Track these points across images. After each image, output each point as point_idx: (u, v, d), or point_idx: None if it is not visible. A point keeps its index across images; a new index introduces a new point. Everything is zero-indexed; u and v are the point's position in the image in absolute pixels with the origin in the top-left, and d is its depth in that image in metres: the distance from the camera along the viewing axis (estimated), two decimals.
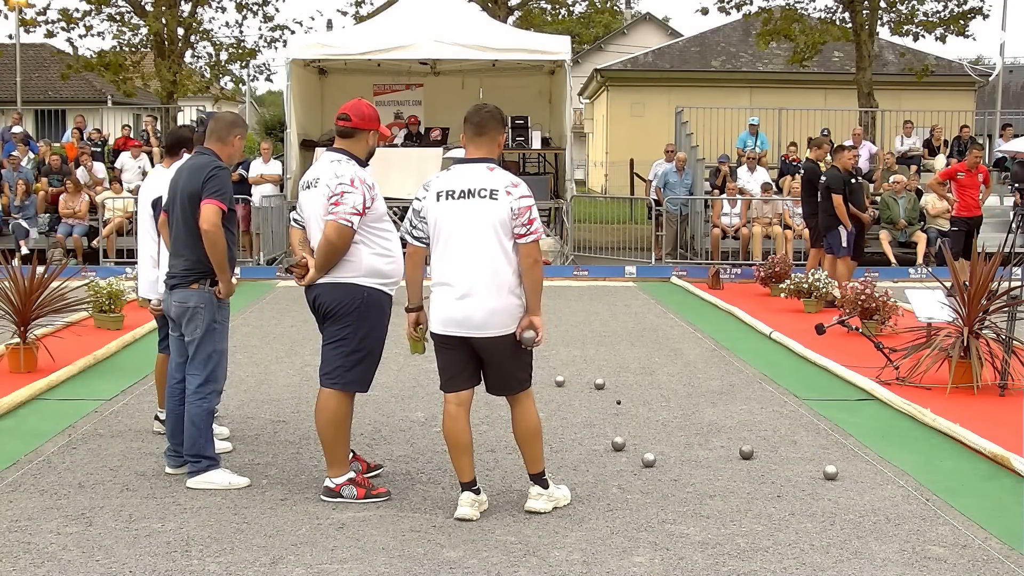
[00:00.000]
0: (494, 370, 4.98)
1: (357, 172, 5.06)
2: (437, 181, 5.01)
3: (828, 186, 11.89)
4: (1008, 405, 7.13)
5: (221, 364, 5.59)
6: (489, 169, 4.93)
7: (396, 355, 9.06)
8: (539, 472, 5.06)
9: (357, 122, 5.17)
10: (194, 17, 22.18)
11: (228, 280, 5.47)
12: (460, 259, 4.85)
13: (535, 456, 5.04)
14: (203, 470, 5.45)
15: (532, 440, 5.03)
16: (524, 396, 5.03)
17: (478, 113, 5.13)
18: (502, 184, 4.85)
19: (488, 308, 4.81)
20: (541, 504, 5.02)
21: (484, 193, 4.83)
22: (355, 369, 5.16)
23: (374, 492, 5.19)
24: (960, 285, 7.99)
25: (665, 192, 17.22)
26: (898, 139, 19.95)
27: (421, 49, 16.68)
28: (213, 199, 5.32)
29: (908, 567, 4.40)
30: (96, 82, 29.63)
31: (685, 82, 29.76)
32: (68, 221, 16.44)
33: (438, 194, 4.94)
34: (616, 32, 44.69)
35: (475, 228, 4.82)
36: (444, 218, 4.89)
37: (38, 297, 8.41)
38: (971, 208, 13.47)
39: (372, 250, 5.08)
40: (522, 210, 4.81)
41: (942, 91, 27.63)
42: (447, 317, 4.89)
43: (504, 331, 4.85)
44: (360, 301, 5.07)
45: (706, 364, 8.83)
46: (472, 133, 5.08)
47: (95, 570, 4.32)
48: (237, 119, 5.75)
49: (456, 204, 4.86)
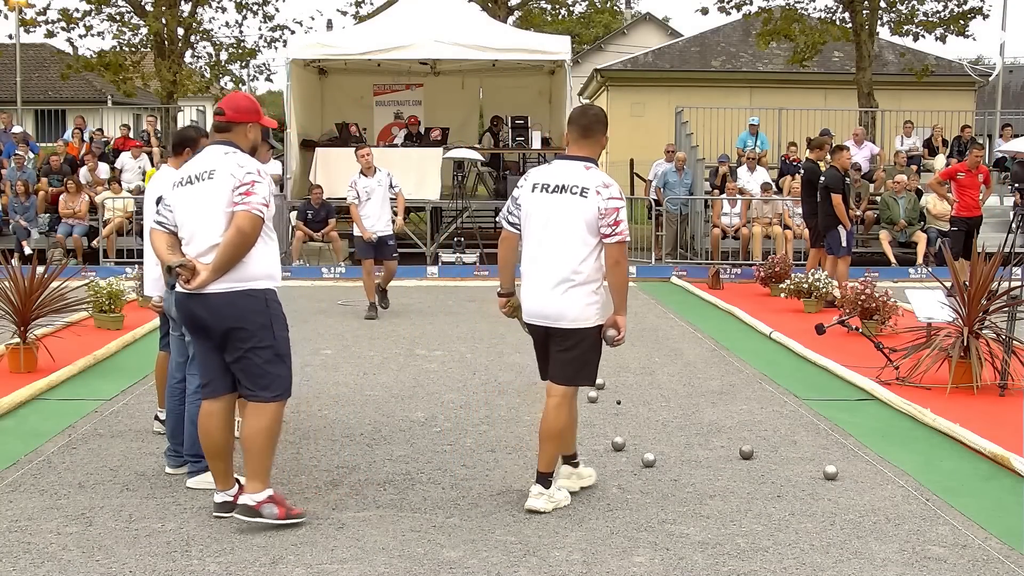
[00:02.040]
0: (553, 358, 5.08)
1: (258, 164, 4.80)
2: (536, 173, 5.16)
3: (827, 186, 11.90)
4: (1008, 405, 7.13)
5: None
6: (586, 168, 5.01)
7: (396, 355, 9.07)
8: (547, 472, 5.06)
9: (232, 115, 4.84)
10: (194, 17, 22.19)
11: None
12: (544, 251, 4.98)
13: (549, 457, 5.06)
14: (203, 470, 5.44)
15: (550, 440, 5.05)
16: (566, 392, 5.08)
17: (585, 116, 5.18)
18: (594, 183, 4.93)
19: (563, 301, 4.94)
20: (541, 503, 5.01)
21: (576, 190, 4.93)
22: (283, 376, 4.88)
23: (293, 512, 4.84)
24: (960, 285, 7.99)
25: (665, 192, 17.22)
26: (898, 139, 19.95)
27: (421, 49, 16.70)
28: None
29: (908, 567, 4.39)
30: (96, 82, 29.66)
31: (685, 82, 29.73)
32: (68, 221, 16.45)
33: (534, 185, 5.07)
34: (616, 32, 44.66)
35: (562, 222, 4.93)
36: (535, 209, 5.02)
37: (38, 297, 8.41)
38: (971, 208, 13.48)
39: (266, 250, 4.78)
40: (609, 210, 4.89)
41: (942, 91, 27.60)
42: (528, 307, 5.09)
43: (573, 325, 4.95)
44: (266, 306, 4.77)
45: (706, 364, 8.83)
46: (578, 135, 5.13)
47: (95, 570, 4.32)
48: None
49: (548, 197, 4.98)
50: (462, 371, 8.45)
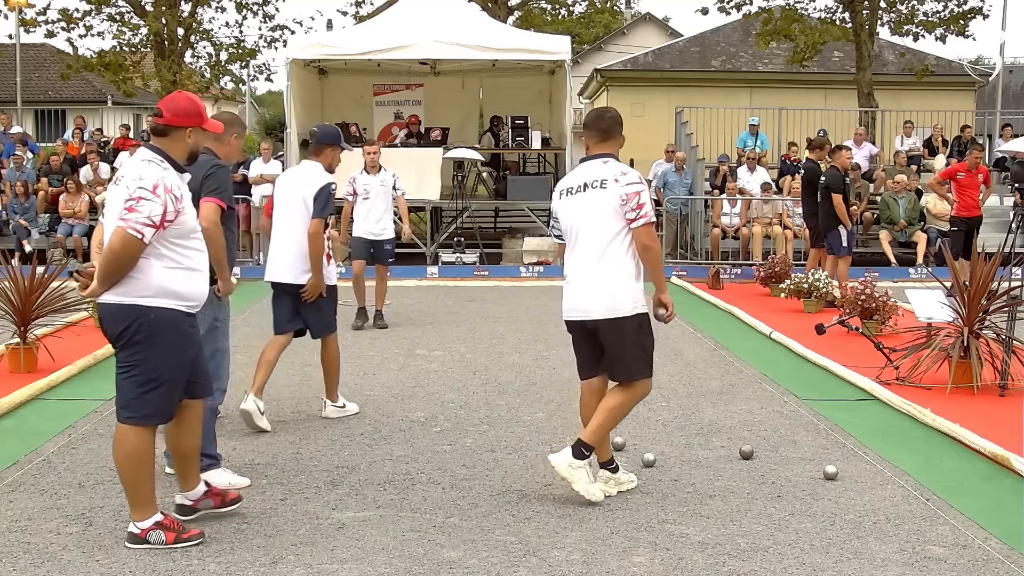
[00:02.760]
0: (607, 353, 5.15)
1: (165, 179, 4.39)
2: (562, 181, 5.30)
3: (828, 186, 11.91)
4: (1008, 405, 7.13)
5: (224, 362, 5.62)
6: (603, 163, 5.11)
7: (396, 355, 9.07)
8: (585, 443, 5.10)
9: (170, 118, 4.53)
10: (194, 17, 22.19)
11: (227, 278, 5.48)
12: (582, 249, 5.10)
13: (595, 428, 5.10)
14: (203, 469, 5.45)
15: (604, 412, 5.11)
16: (635, 386, 5.16)
17: (603, 120, 5.23)
18: (611, 173, 5.03)
19: (601, 291, 5.03)
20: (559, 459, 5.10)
21: (596, 184, 5.04)
22: (150, 400, 4.49)
23: (185, 535, 4.57)
24: (960, 285, 7.99)
25: (665, 192, 17.22)
26: (898, 139, 19.96)
27: (421, 49, 16.70)
28: (212, 197, 5.35)
29: (908, 567, 4.39)
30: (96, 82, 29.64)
31: (685, 82, 29.72)
32: (68, 221, 16.45)
33: (560, 193, 5.22)
34: (616, 32, 44.66)
35: (592, 217, 5.04)
36: (566, 214, 5.17)
37: (38, 297, 8.41)
38: (971, 208, 13.48)
39: (167, 265, 4.44)
40: (630, 195, 4.97)
41: (942, 91, 27.59)
42: (568, 304, 5.18)
43: (614, 315, 5.04)
44: (146, 324, 4.41)
45: (706, 364, 8.83)
46: (598, 139, 5.21)
47: (95, 570, 4.32)
48: (234, 118, 5.81)
49: (574, 199, 5.12)
50: (462, 371, 8.44)
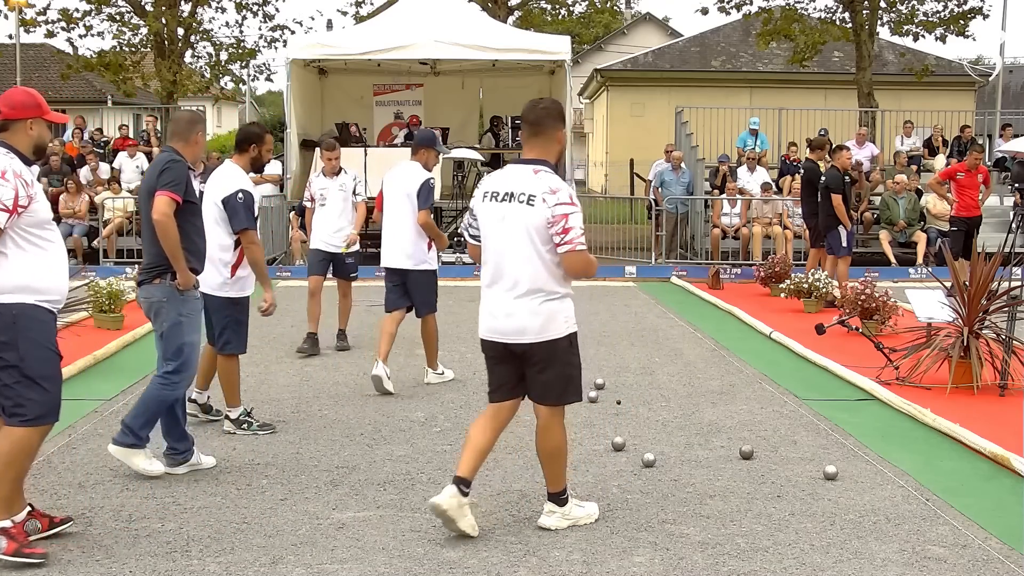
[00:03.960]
0: (532, 376, 4.78)
1: (13, 164, 4.34)
2: (488, 180, 4.88)
3: (827, 186, 11.92)
4: (1008, 405, 7.13)
5: (193, 355, 5.67)
6: (534, 172, 4.68)
7: (395, 355, 9.06)
8: (557, 491, 4.86)
9: (8, 112, 4.48)
10: (194, 17, 22.18)
11: (184, 271, 5.51)
12: (497, 263, 4.72)
13: (554, 475, 4.84)
14: (128, 445, 5.52)
15: (551, 459, 4.82)
16: (553, 411, 4.80)
17: (533, 110, 4.80)
18: (540, 189, 4.60)
19: (522, 315, 4.65)
20: (554, 520, 4.83)
21: (523, 198, 4.63)
22: (34, 400, 4.38)
23: (26, 550, 4.38)
24: (960, 285, 7.99)
25: (662, 191, 17.22)
26: (898, 139, 19.95)
27: (421, 49, 16.69)
28: (165, 190, 5.42)
29: (908, 567, 4.40)
30: (96, 82, 29.64)
31: (685, 82, 29.77)
32: (68, 221, 16.44)
33: (484, 194, 4.81)
34: (616, 32, 44.69)
35: (511, 233, 4.65)
36: (485, 219, 4.78)
37: None
38: (970, 208, 13.48)
39: (24, 260, 4.34)
40: (557, 218, 4.56)
41: (942, 91, 27.63)
42: (489, 324, 4.78)
43: (538, 339, 4.67)
44: (11, 322, 4.31)
45: (706, 364, 8.83)
46: (528, 133, 4.79)
47: (95, 570, 4.32)
48: (195, 116, 5.89)
49: (497, 206, 4.71)
50: (462, 371, 8.44)
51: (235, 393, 6.58)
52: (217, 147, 24.67)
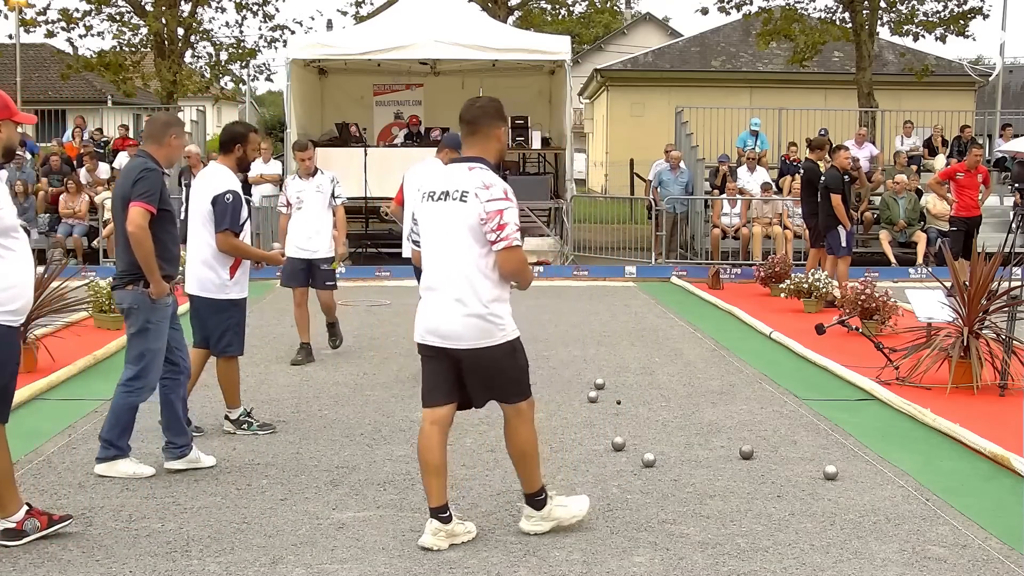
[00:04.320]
0: (473, 383, 4.60)
1: None
2: (427, 180, 4.71)
3: (827, 186, 11.92)
4: (1008, 405, 7.13)
5: (154, 363, 5.63)
6: (469, 169, 4.52)
7: (396, 355, 9.07)
8: (532, 492, 4.72)
9: None
10: (194, 17, 22.19)
11: (158, 280, 5.50)
12: (435, 264, 4.57)
13: (527, 476, 4.70)
14: (110, 458, 5.56)
15: (521, 460, 4.67)
16: (521, 411, 4.64)
17: (470, 109, 4.65)
18: (473, 185, 4.44)
19: (459, 318, 4.48)
20: (533, 525, 4.72)
21: (456, 195, 4.47)
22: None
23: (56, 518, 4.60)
24: (960, 285, 7.99)
25: (660, 191, 17.21)
26: (898, 139, 19.95)
27: (421, 49, 16.69)
28: (140, 201, 5.38)
29: (908, 567, 4.40)
30: (96, 82, 29.65)
31: (685, 82, 29.77)
32: (68, 221, 16.45)
33: (423, 195, 4.64)
34: (616, 32, 44.69)
35: (447, 232, 4.49)
36: (423, 220, 4.62)
37: (38, 297, 8.40)
38: (970, 208, 13.48)
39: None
40: (491, 214, 4.39)
41: (942, 91, 27.62)
42: (422, 325, 4.62)
43: (478, 344, 4.48)
44: None
45: (706, 364, 8.83)
46: (465, 132, 4.66)
47: (95, 570, 4.32)
48: (171, 118, 5.84)
49: (435, 206, 4.55)
50: None
51: (235, 394, 6.57)
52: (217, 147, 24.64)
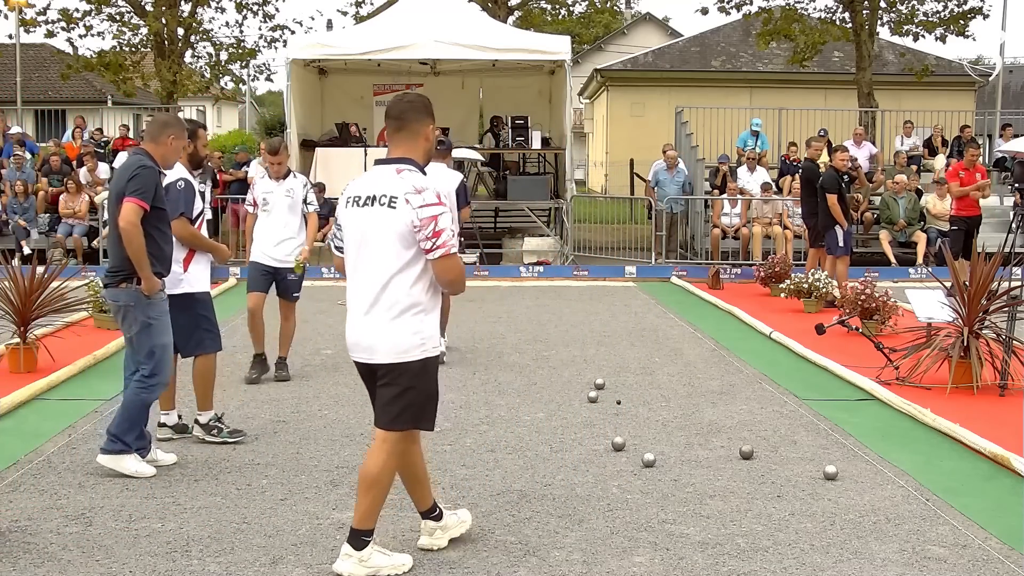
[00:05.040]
0: (377, 395, 4.32)
1: None
2: (351, 185, 4.38)
3: (823, 186, 11.94)
4: (1008, 405, 7.13)
5: (164, 357, 5.69)
6: (397, 172, 4.21)
7: None
8: (361, 529, 4.26)
9: None
10: (194, 17, 22.18)
11: (149, 277, 5.52)
12: (359, 274, 4.26)
13: (366, 509, 4.26)
14: (117, 451, 5.56)
15: (368, 489, 4.25)
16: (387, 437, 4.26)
17: (397, 104, 4.34)
18: (403, 191, 4.14)
19: (379, 331, 4.20)
20: (348, 566, 4.26)
21: (384, 200, 4.16)
22: None
23: None
24: (960, 285, 7.99)
25: (657, 191, 17.21)
26: (898, 139, 19.95)
27: (421, 49, 16.68)
28: (132, 198, 5.41)
29: (908, 567, 4.40)
30: (96, 82, 29.64)
31: (685, 82, 29.76)
32: (68, 221, 16.45)
33: (347, 200, 4.32)
34: (616, 32, 44.69)
35: (374, 240, 4.19)
36: (348, 227, 4.30)
37: (38, 297, 8.41)
38: (970, 207, 13.48)
39: None
40: (425, 221, 4.09)
41: (942, 91, 27.62)
42: (348, 340, 4.34)
43: (395, 359, 4.20)
44: None
45: (706, 364, 8.83)
46: (391, 129, 4.33)
47: (95, 570, 4.32)
48: (170, 119, 5.85)
49: (360, 212, 4.23)
50: (462, 371, 8.44)
51: (209, 397, 6.36)
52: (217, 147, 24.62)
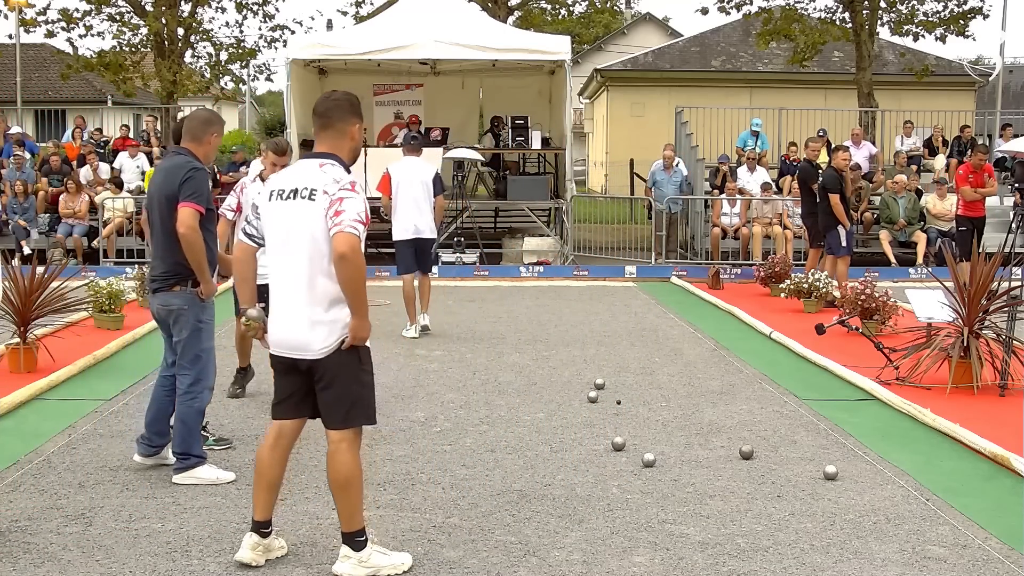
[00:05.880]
0: (318, 398, 4.32)
1: None
2: (275, 178, 4.38)
3: (824, 186, 11.93)
4: (1008, 405, 7.13)
5: (210, 363, 5.64)
6: (320, 166, 4.21)
7: (396, 355, 9.06)
8: (352, 531, 4.29)
9: None
10: (194, 17, 22.17)
11: (209, 280, 5.49)
12: (284, 269, 4.25)
13: (348, 511, 4.29)
14: (191, 467, 5.51)
15: (342, 491, 4.27)
16: (344, 436, 4.29)
17: (323, 102, 4.33)
18: (323, 183, 4.14)
19: (306, 325, 4.18)
20: (348, 568, 4.27)
21: (305, 193, 4.17)
22: None
23: None
24: (960, 285, 7.99)
25: (654, 191, 17.21)
26: (898, 139, 19.94)
27: (421, 49, 16.68)
28: (190, 202, 5.33)
29: (908, 567, 4.40)
30: (96, 82, 29.63)
31: (685, 82, 29.76)
32: (68, 221, 16.44)
33: (271, 192, 4.31)
34: (616, 32, 44.69)
35: (294, 233, 4.19)
36: (269, 220, 4.30)
37: (38, 297, 8.41)
38: (976, 208, 13.47)
39: None
40: (333, 201, 4.08)
41: (942, 91, 27.62)
42: (276, 337, 4.31)
43: (320, 353, 4.20)
44: None
45: (706, 364, 8.83)
46: (316, 127, 4.32)
47: (95, 570, 4.32)
48: (212, 116, 5.72)
49: (282, 205, 4.23)
50: (462, 371, 8.44)
51: None
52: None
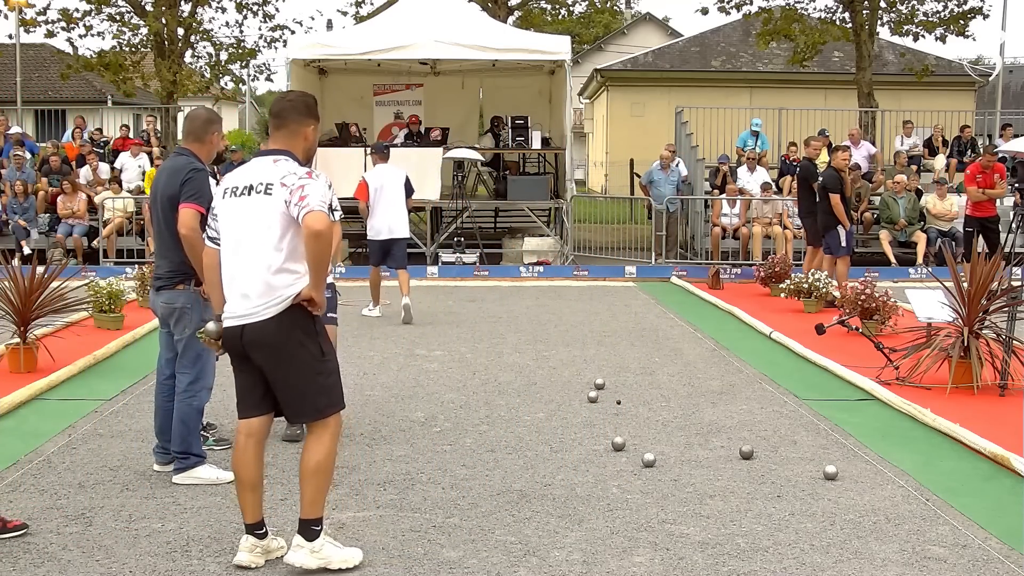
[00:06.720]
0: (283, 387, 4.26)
1: None
2: (227, 177, 4.38)
3: (825, 186, 11.92)
4: (1008, 405, 7.13)
5: (209, 363, 5.65)
6: (274, 161, 4.25)
7: (396, 355, 9.07)
8: (310, 519, 4.25)
9: None
10: (194, 17, 22.16)
11: None
12: (236, 264, 4.24)
13: (311, 497, 4.24)
14: (191, 466, 5.52)
15: (312, 476, 4.23)
16: (328, 425, 4.28)
17: (279, 103, 4.38)
18: (278, 176, 4.17)
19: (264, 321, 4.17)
20: (300, 557, 4.24)
21: (260, 188, 4.18)
22: None
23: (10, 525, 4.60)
24: (960, 285, 7.98)
25: (652, 190, 17.20)
26: (898, 139, 19.94)
27: (421, 49, 16.69)
28: (190, 203, 5.35)
29: (908, 567, 4.40)
30: (96, 82, 29.61)
31: (685, 82, 29.77)
32: (68, 221, 16.44)
33: (224, 191, 4.34)
34: (616, 32, 44.70)
35: (250, 229, 4.19)
36: (224, 217, 4.31)
37: (38, 297, 8.41)
38: (986, 208, 13.47)
39: None
40: (294, 191, 4.10)
41: (942, 91, 27.62)
42: (226, 330, 4.31)
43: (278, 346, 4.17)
44: None
45: (706, 364, 8.83)
46: (272, 127, 4.36)
47: (95, 570, 4.32)
48: (212, 115, 5.76)
49: (236, 202, 4.24)
50: (462, 371, 8.44)
51: None
52: None
